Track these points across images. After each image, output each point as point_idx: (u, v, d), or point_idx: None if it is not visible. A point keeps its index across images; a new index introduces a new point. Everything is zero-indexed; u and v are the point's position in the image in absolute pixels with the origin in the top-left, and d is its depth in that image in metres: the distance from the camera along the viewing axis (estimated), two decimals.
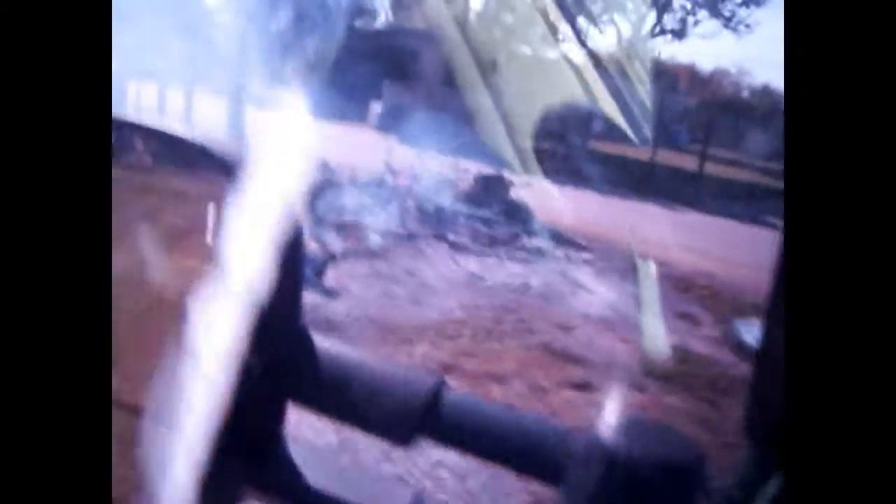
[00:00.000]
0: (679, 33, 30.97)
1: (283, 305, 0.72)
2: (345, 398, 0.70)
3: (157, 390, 0.73)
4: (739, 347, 5.88)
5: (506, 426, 0.68)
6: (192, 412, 0.69)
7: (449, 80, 22.43)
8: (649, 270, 6.32)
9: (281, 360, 0.71)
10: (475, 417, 0.69)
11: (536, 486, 4.28)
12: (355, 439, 4.03)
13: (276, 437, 0.75)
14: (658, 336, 5.96)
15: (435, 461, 4.24)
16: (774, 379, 0.65)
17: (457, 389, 0.72)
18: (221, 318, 0.70)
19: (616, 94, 15.20)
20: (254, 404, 0.71)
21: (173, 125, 0.79)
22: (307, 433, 3.56)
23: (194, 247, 0.78)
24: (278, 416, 0.75)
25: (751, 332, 5.85)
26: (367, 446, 4.09)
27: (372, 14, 34.98)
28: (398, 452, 4.24)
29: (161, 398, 0.72)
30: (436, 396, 0.69)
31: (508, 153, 13.30)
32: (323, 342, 0.74)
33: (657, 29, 30.55)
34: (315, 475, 0.75)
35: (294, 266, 0.75)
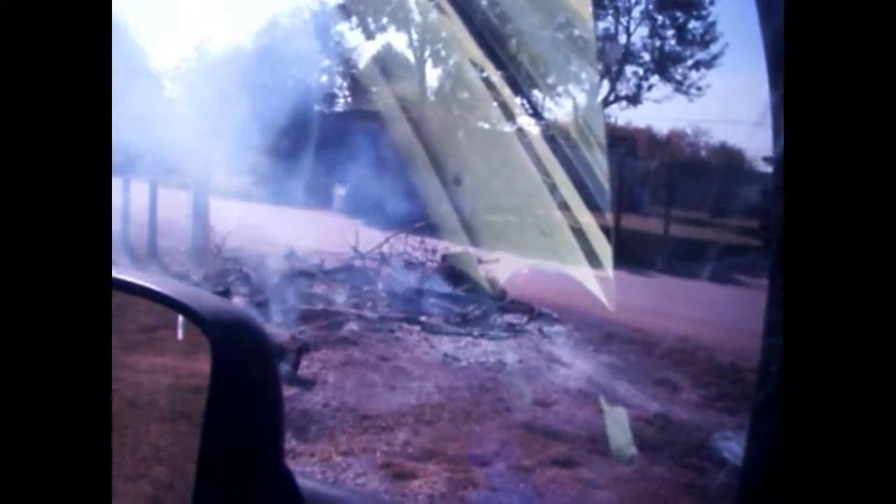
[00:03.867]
0: (633, 99, 31.54)
1: (264, 446, 0.71)
2: None
3: None
4: (720, 463, 5.91)
5: None
6: None
7: (411, 160, 22.62)
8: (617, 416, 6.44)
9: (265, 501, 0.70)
10: None
11: None
12: None
13: None
14: (626, 447, 5.98)
15: None
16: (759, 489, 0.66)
17: None
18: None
19: (575, 163, 15.37)
20: None
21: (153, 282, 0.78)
22: None
23: (161, 343, 0.77)
24: None
25: (729, 446, 5.87)
26: None
27: (331, 98, 35.38)
28: None
29: None
30: None
31: (473, 230, 13.39)
32: (306, 482, 0.73)
33: (612, 96, 31.10)
34: None
35: (275, 408, 0.73)
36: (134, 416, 0.78)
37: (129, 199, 13.04)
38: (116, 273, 0.78)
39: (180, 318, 0.75)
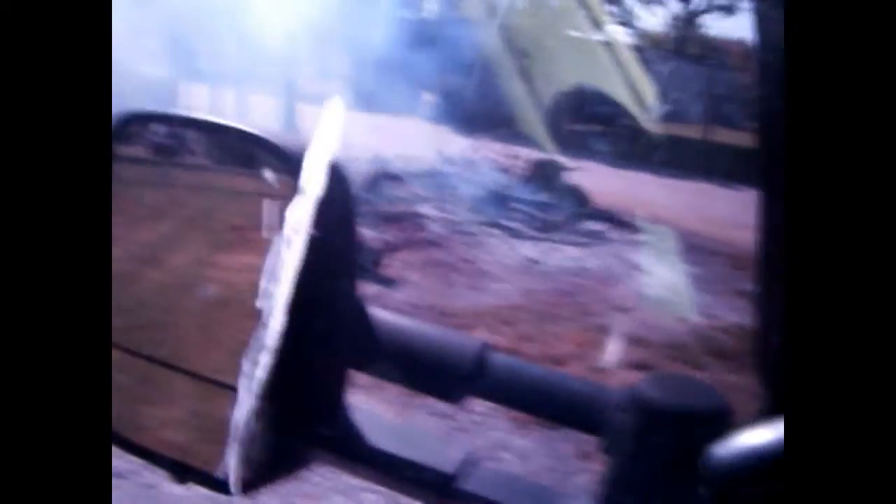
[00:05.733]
0: (728, 9, 30.47)
1: (342, 274, 0.76)
2: (400, 364, 0.75)
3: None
4: None
5: (546, 383, 0.73)
6: (255, 377, 0.71)
7: (498, 67, 22.31)
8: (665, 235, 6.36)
9: (341, 327, 0.75)
10: (518, 376, 0.74)
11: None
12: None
13: (338, 401, 0.78)
14: (684, 297, 5.96)
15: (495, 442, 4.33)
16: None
17: (500, 352, 0.76)
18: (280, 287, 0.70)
19: (667, 74, 15.07)
20: (316, 371, 0.75)
21: (227, 120, 0.80)
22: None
23: (251, 243, 0.77)
24: (341, 382, 0.78)
25: None
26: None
27: (418, 3, 34.96)
28: (460, 435, 4.33)
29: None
30: (482, 359, 0.74)
31: (558, 138, 13.28)
32: (376, 311, 0.78)
33: (705, 5, 30.10)
34: (375, 435, 0.79)
35: (353, 243, 0.78)
36: (222, 312, 0.79)
37: (215, 104, 13.17)
38: (207, 116, 0.80)
39: (265, 219, 0.76)
